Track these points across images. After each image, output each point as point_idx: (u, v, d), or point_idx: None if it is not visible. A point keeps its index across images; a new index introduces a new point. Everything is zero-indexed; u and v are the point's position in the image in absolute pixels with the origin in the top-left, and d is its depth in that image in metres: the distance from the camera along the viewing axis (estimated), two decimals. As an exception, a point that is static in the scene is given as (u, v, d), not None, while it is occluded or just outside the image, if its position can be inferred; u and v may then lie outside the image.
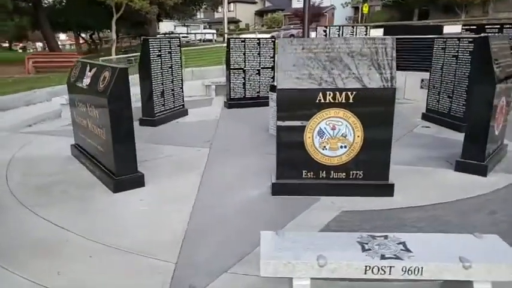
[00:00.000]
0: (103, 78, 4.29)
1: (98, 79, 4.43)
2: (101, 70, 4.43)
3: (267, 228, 3.43)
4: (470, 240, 2.43)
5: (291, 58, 4.02)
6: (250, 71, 9.13)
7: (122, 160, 4.28)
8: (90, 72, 4.73)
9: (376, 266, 2.20)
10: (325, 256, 2.23)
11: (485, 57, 4.54)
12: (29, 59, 16.21)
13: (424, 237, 2.49)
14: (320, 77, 3.99)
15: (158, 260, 3.04)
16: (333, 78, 3.98)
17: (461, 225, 3.57)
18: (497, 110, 4.85)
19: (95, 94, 4.43)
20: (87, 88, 4.68)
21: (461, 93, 6.65)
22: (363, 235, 2.49)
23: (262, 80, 9.31)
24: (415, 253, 2.28)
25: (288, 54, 4.03)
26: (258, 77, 9.26)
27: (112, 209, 3.95)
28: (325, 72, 3.99)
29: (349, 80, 3.98)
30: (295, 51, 4.03)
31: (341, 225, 3.62)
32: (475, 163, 4.79)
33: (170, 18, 33.29)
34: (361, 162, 4.18)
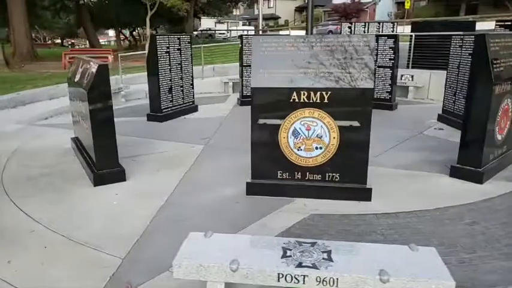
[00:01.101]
0: (88, 74, 4.40)
1: (84, 75, 4.55)
2: (88, 66, 4.55)
3: (227, 228, 3.43)
4: (403, 252, 2.29)
5: (265, 56, 3.94)
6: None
7: (102, 154, 4.38)
8: (81, 68, 4.87)
9: (289, 274, 2.12)
10: (239, 261, 2.17)
11: (481, 57, 4.24)
12: (65, 55, 16.94)
13: (355, 247, 2.36)
14: (294, 76, 3.88)
15: (108, 254, 3.08)
16: (307, 77, 3.86)
17: (431, 234, 3.36)
18: (500, 113, 4.53)
19: (81, 89, 4.55)
20: (77, 83, 4.82)
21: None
22: (291, 241, 2.41)
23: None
24: (336, 263, 2.17)
25: (262, 52, 3.95)
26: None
27: (85, 202, 4.04)
28: (299, 71, 3.88)
29: (325, 80, 3.84)
30: (270, 49, 3.94)
31: (304, 228, 3.51)
32: (470, 169, 4.50)
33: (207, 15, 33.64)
34: (337, 165, 4.03)
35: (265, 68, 3.93)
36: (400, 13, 46.42)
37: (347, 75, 3.81)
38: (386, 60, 8.44)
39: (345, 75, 3.81)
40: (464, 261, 2.99)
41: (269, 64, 3.93)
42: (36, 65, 17.75)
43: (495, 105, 4.41)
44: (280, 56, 3.93)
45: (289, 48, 3.92)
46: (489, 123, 4.37)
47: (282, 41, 3.97)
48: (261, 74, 3.93)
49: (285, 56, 3.92)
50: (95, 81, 4.13)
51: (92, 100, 4.17)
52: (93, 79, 4.14)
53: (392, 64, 8.41)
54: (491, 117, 4.39)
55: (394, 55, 8.37)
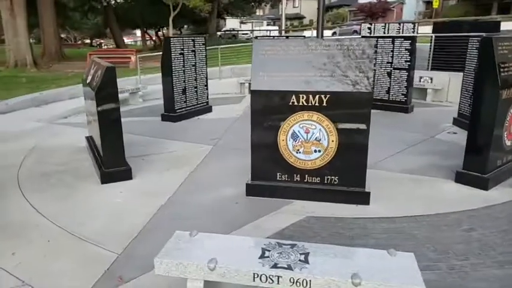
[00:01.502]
0: (96, 76, 4.57)
1: (94, 76, 4.73)
2: (98, 68, 4.72)
3: (222, 227, 3.51)
4: (381, 257, 2.30)
5: (264, 59, 4.00)
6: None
7: (109, 153, 4.54)
8: (93, 70, 5.05)
9: (264, 274, 2.18)
10: (218, 260, 2.25)
11: (488, 60, 4.17)
12: (90, 55, 17.44)
13: (334, 250, 2.39)
14: (293, 79, 3.93)
15: (105, 249, 3.21)
16: (306, 80, 3.90)
17: (425, 240, 3.34)
18: (508, 118, 4.43)
19: (91, 90, 4.73)
20: (88, 84, 5.00)
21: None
22: (272, 242, 2.46)
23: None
24: (311, 265, 2.21)
25: (261, 55, 4.01)
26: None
27: (90, 199, 4.21)
28: (298, 74, 3.92)
29: (323, 83, 3.87)
30: (269, 52, 4.00)
31: (298, 230, 3.55)
32: (475, 175, 4.43)
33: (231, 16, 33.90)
34: (336, 168, 4.05)
35: (265, 70, 3.99)
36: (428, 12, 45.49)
37: (346, 78, 3.83)
38: (402, 62, 8.34)
39: (344, 79, 3.83)
40: (455, 268, 2.96)
41: (269, 67, 3.98)
42: (63, 65, 18.36)
43: (502, 110, 4.32)
44: (280, 59, 3.98)
45: (289, 52, 3.97)
46: (495, 129, 4.29)
47: (282, 45, 4.02)
48: (261, 77, 3.99)
49: (285, 59, 3.96)
50: (102, 83, 4.29)
51: (100, 101, 4.34)
52: (100, 80, 4.30)
53: (408, 66, 8.30)
54: (498, 122, 4.30)
55: (411, 57, 8.26)
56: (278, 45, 4.02)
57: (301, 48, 3.96)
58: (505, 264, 2.99)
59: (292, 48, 3.98)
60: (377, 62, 8.58)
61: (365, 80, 3.80)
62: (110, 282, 2.80)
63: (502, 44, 4.20)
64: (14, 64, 15.84)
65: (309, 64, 3.91)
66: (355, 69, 3.82)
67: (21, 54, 15.82)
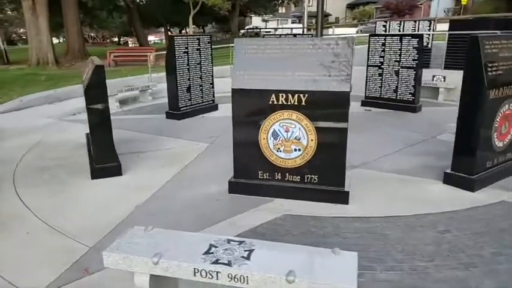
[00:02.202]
0: (87, 74, 4.73)
1: (87, 75, 4.89)
2: (90, 67, 4.88)
3: (198, 224, 3.60)
4: (324, 255, 2.32)
5: (245, 59, 4.05)
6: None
7: (99, 149, 4.69)
8: (88, 69, 5.22)
9: (204, 269, 2.23)
10: (162, 255, 2.32)
11: (475, 60, 4.08)
12: (110, 53, 17.91)
13: (279, 247, 2.42)
14: (273, 78, 3.96)
15: (79, 243, 3.35)
16: (285, 79, 3.92)
17: (395, 241, 3.32)
18: (498, 118, 4.33)
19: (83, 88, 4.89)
20: (83, 82, 5.18)
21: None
22: (222, 238, 2.51)
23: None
24: (251, 262, 2.26)
25: (242, 54, 4.06)
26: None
27: (79, 194, 4.37)
28: (278, 73, 3.94)
29: (302, 82, 3.88)
30: (250, 51, 4.04)
31: (271, 228, 3.59)
32: (462, 176, 4.35)
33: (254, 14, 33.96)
34: (315, 167, 4.06)
35: (245, 69, 4.03)
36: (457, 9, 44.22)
37: (324, 78, 3.83)
38: (409, 60, 8.19)
39: (322, 78, 3.83)
40: (417, 269, 2.94)
41: (249, 66, 4.03)
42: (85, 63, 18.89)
43: (491, 111, 4.22)
44: (260, 58, 4.01)
45: (269, 51, 4.00)
46: (483, 129, 4.20)
47: (262, 44, 4.05)
48: (241, 76, 4.04)
49: (265, 59, 4.00)
50: (91, 81, 4.44)
51: (89, 99, 4.49)
52: (89, 79, 4.45)
53: (416, 65, 8.14)
54: (486, 122, 4.21)
55: (418, 55, 8.10)
56: (258, 45, 4.06)
57: (281, 48, 3.98)
58: (470, 267, 2.95)
59: (272, 48, 4.01)
60: (385, 61, 8.47)
61: (343, 80, 3.79)
62: (76, 274, 2.93)
63: (490, 43, 4.09)
64: (36, 62, 16.44)
65: (288, 63, 3.93)
66: (333, 68, 3.81)
67: (43, 53, 16.41)
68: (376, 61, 8.59)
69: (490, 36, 4.24)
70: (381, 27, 12.70)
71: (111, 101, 8.79)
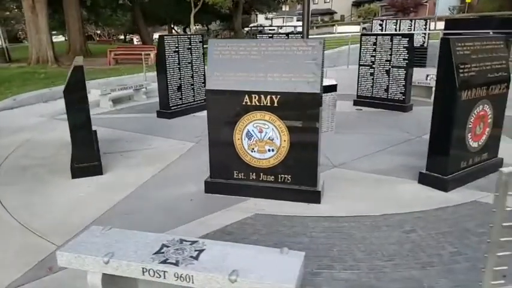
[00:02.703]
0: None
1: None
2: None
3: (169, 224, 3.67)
4: (271, 254, 2.38)
5: (219, 60, 4.10)
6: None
7: (79, 149, 4.77)
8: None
9: (152, 269, 2.30)
10: (114, 254, 2.39)
11: (446, 61, 4.09)
12: (111, 52, 18.01)
13: (229, 247, 2.47)
14: (246, 79, 4.00)
15: (48, 241, 3.42)
16: (258, 81, 3.97)
17: (360, 240, 3.37)
18: (472, 119, 4.34)
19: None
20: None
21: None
22: (175, 238, 2.58)
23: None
24: (199, 261, 2.32)
25: (216, 55, 4.10)
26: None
27: (56, 193, 4.45)
28: (251, 74, 3.99)
29: (274, 84, 3.93)
30: (223, 52, 4.09)
31: (240, 227, 3.65)
32: (436, 176, 4.37)
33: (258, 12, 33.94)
34: (288, 167, 4.10)
35: (219, 70, 4.08)
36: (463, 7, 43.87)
37: (295, 79, 3.87)
38: (400, 60, 8.18)
39: (293, 80, 3.87)
40: (375, 268, 2.98)
41: (223, 67, 4.08)
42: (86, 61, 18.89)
43: (464, 111, 4.24)
44: (233, 59, 4.06)
45: (242, 53, 4.04)
46: (456, 130, 4.22)
47: (236, 45, 4.10)
48: (216, 77, 4.09)
49: (238, 60, 4.05)
50: (70, 82, 4.52)
51: (67, 99, 4.57)
52: (68, 79, 4.53)
53: (406, 64, 8.14)
54: (459, 123, 4.22)
55: (409, 55, 8.09)
56: (232, 46, 4.10)
57: (254, 49, 4.03)
58: (427, 266, 2.98)
59: (245, 49, 4.05)
60: (376, 60, 8.47)
61: (313, 81, 3.83)
62: (40, 272, 3.00)
63: (462, 45, 4.10)
64: (36, 60, 16.60)
65: (261, 65, 3.98)
66: (304, 70, 3.85)
67: (42, 51, 16.56)
68: (367, 60, 8.60)
69: (463, 37, 4.25)
70: (378, 26, 12.67)
71: (103, 100, 8.97)
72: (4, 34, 21.05)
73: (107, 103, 9.09)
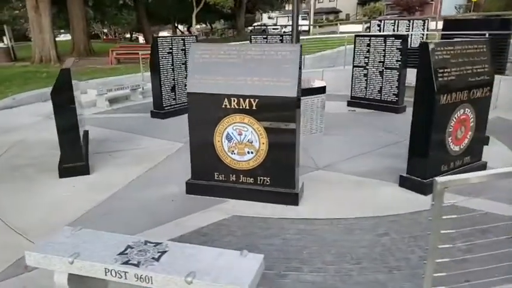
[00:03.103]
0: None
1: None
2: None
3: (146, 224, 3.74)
4: (231, 257, 2.44)
5: (199, 63, 4.16)
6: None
7: (65, 150, 4.87)
8: (62, 71, 5.39)
9: (113, 269, 2.37)
10: (79, 254, 2.46)
11: (425, 65, 4.12)
12: (112, 51, 18.12)
13: (191, 249, 2.54)
14: (225, 83, 4.06)
15: (28, 240, 3.52)
16: (237, 84, 4.03)
17: (331, 243, 3.42)
18: (453, 123, 4.37)
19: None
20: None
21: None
22: (141, 240, 2.64)
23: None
24: (160, 263, 2.39)
25: (197, 58, 4.17)
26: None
27: (42, 192, 4.55)
28: (230, 78, 4.05)
29: (253, 87, 3.98)
30: (204, 56, 4.15)
31: (215, 228, 3.72)
32: (416, 180, 4.41)
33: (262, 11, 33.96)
34: (267, 169, 4.16)
35: (199, 74, 4.15)
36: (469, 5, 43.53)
37: (273, 83, 3.92)
38: (393, 61, 8.19)
39: (271, 84, 3.93)
40: (342, 271, 3.03)
41: (203, 70, 4.14)
42: (89, 60, 19.15)
43: (443, 115, 4.27)
44: (213, 63, 4.13)
45: (222, 56, 4.11)
46: (435, 133, 4.25)
47: (216, 49, 4.16)
48: (196, 80, 4.16)
49: (218, 64, 4.11)
50: (57, 84, 4.62)
51: (54, 101, 4.67)
52: (56, 81, 4.62)
53: (399, 65, 8.15)
54: (438, 127, 4.25)
55: (402, 56, 8.09)
56: (212, 50, 4.17)
57: (233, 53, 4.09)
58: (394, 270, 3.03)
59: (225, 53, 4.11)
60: (369, 62, 8.50)
61: (290, 85, 3.88)
62: (17, 270, 3.09)
63: (441, 49, 4.13)
64: (39, 60, 16.79)
65: (240, 69, 4.04)
66: (282, 74, 3.90)
67: (45, 50, 16.74)
68: (361, 62, 8.62)
69: (444, 41, 4.27)
70: (376, 26, 12.66)
71: (100, 100, 9.07)
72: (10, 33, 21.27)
73: (104, 103, 9.20)
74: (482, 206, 3.93)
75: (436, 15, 26.71)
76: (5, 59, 19.92)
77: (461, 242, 3.01)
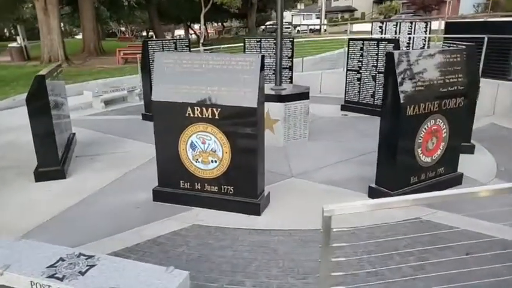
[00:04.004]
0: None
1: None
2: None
3: (105, 231, 3.79)
4: (156, 272, 2.46)
5: (164, 71, 4.18)
6: (266, 71, 9.18)
7: (41, 154, 4.97)
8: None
9: (38, 283, 2.41)
10: (10, 266, 2.51)
11: (390, 74, 4.06)
12: (120, 51, 18.35)
13: (122, 263, 2.56)
14: (189, 92, 4.08)
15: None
16: (200, 93, 4.04)
17: (282, 256, 3.40)
18: (423, 134, 4.29)
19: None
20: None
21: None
22: (76, 252, 2.68)
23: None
24: (84, 277, 2.41)
25: (162, 66, 4.19)
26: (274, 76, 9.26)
27: (14, 196, 4.65)
28: (193, 87, 4.06)
29: (215, 97, 3.99)
30: (169, 65, 4.17)
31: (172, 238, 3.73)
32: (383, 191, 4.35)
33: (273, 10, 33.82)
34: (231, 178, 4.16)
35: (164, 82, 4.17)
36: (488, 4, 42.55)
37: (234, 93, 3.92)
38: (386, 65, 8.07)
39: (232, 94, 3.92)
40: (284, 286, 3.02)
41: (168, 79, 4.16)
42: (98, 60, 19.48)
43: (411, 126, 4.19)
44: (178, 72, 4.14)
45: (186, 66, 4.12)
46: (402, 144, 4.19)
47: (180, 58, 4.18)
48: (161, 88, 4.18)
49: (182, 73, 4.12)
50: (31, 90, 4.71)
51: (29, 107, 4.76)
52: (30, 87, 4.72)
53: (393, 70, 8.02)
54: (405, 138, 4.19)
55: (395, 60, 7.97)
56: (176, 59, 4.18)
57: (196, 63, 4.10)
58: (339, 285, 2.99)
59: (188, 62, 4.13)
60: (363, 66, 8.40)
61: (251, 95, 3.87)
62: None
63: (408, 59, 4.06)
64: (47, 59, 17.14)
65: (203, 78, 4.04)
66: (242, 84, 3.90)
67: (54, 51, 17.09)
68: (354, 66, 8.54)
69: (410, 51, 4.20)
70: (377, 28, 12.49)
71: (96, 101, 9.20)
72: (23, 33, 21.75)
73: (99, 104, 9.34)
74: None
75: (445, 15, 26.12)
76: (18, 58, 20.42)
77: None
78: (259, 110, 3.94)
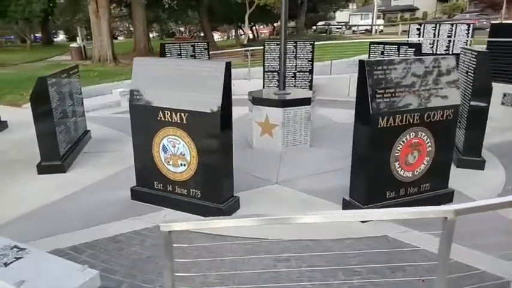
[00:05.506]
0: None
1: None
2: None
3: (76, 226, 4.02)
4: (70, 270, 2.59)
5: (140, 76, 4.34)
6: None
7: (44, 149, 5.36)
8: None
9: (-37, 270, 2.64)
10: None
11: (361, 85, 3.91)
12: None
13: (47, 259, 2.72)
14: (161, 96, 4.20)
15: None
16: (170, 98, 4.14)
17: (225, 263, 3.40)
18: (401, 147, 4.08)
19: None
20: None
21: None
22: (12, 243, 2.88)
23: (298, 83, 9.21)
24: (6, 269, 2.61)
25: (138, 71, 4.35)
26: (293, 80, 9.20)
27: (16, 187, 5.03)
28: (165, 92, 4.18)
29: (183, 102, 4.08)
30: (144, 69, 4.32)
31: (131, 237, 3.87)
32: (356, 204, 4.20)
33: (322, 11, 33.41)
34: (198, 182, 4.24)
35: (139, 87, 4.33)
36: None
37: (200, 99, 3.98)
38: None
39: (199, 99, 3.99)
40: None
41: (143, 84, 4.32)
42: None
43: (385, 139, 4.00)
44: (152, 77, 4.28)
45: (162, 71, 4.25)
46: (375, 158, 4.01)
47: (155, 64, 4.31)
48: (136, 92, 4.34)
49: (156, 78, 4.26)
50: (34, 92, 5.10)
51: (33, 107, 5.15)
52: (34, 87, 5.10)
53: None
54: (378, 150, 4.01)
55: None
56: (151, 64, 4.32)
57: (169, 68, 4.21)
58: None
59: (162, 68, 4.25)
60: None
61: (215, 101, 3.91)
62: None
63: (381, 68, 3.88)
64: (97, 59, 18.22)
65: (173, 83, 4.15)
66: (208, 90, 3.95)
67: (103, 51, 18.14)
68: (375, 71, 8.24)
69: (384, 60, 4.00)
70: (415, 30, 11.91)
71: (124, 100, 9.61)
72: (82, 34, 23.27)
73: (126, 103, 9.76)
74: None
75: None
76: (76, 57, 21.88)
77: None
78: (224, 116, 3.97)
